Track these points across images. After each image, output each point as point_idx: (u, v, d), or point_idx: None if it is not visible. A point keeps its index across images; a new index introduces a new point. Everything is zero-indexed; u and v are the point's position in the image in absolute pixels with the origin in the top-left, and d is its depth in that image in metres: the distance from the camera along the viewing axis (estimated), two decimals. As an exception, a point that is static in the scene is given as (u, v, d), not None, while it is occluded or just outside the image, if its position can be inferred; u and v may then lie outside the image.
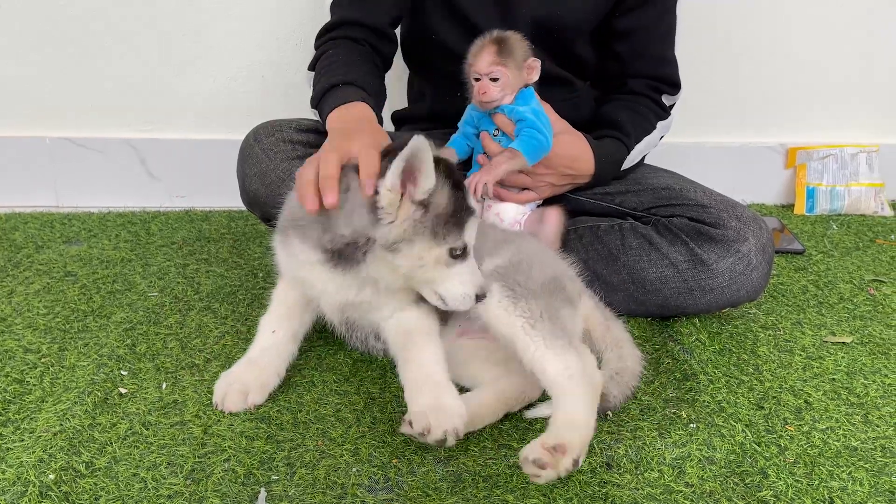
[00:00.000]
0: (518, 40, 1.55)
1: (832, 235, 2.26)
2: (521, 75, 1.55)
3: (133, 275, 1.84)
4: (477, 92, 1.54)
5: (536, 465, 1.07)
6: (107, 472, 1.15)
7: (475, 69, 1.54)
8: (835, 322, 1.71)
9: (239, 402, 1.30)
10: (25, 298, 1.69)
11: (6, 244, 2.00)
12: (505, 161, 1.52)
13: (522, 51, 1.54)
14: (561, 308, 1.31)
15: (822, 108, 2.48)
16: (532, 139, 1.53)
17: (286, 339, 1.39)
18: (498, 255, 1.39)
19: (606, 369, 1.37)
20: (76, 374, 1.40)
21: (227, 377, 1.33)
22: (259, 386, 1.32)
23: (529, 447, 1.09)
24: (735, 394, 1.41)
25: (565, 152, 1.61)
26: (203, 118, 2.31)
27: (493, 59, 1.52)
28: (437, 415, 1.14)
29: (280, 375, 1.36)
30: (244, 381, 1.32)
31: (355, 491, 1.13)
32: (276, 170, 1.58)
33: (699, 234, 1.59)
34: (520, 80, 1.55)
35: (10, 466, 1.15)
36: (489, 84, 1.53)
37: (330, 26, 1.71)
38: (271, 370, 1.35)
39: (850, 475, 1.21)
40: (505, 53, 1.52)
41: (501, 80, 1.53)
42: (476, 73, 1.54)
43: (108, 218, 2.22)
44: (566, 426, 1.13)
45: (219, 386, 1.32)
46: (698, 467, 1.21)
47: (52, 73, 2.22)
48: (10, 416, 1.28)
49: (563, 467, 1.08)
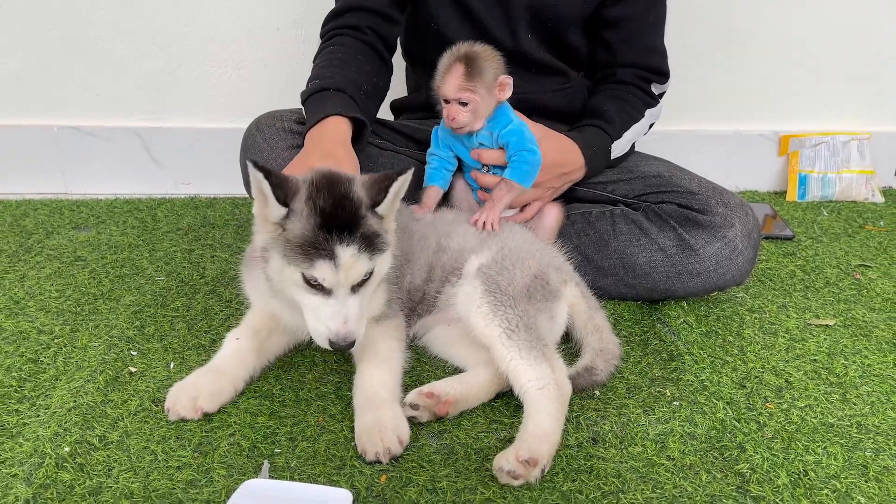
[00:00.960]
0: (488, 56, 1.49)
1: (822, 222, 2.31)
2: (492, 96, 1.50)
3: (140, 259, 1.90)
4: (446, 117, 1.50)
5: (510, 476, 1.15)
6: (119, 445, 1.22)
7: (443, 92, 1.48)
8: (820, 305, 1.77)
9: (189, 409, 1.27)
10: (37, 282, 1.76)
11: (17, 230, 2.06)
12: (504, 194, 1.54)
13: (493, 69, 1.49)
14: (538, 314, 1.38)
15: (814, 96, 2.52)
16: (523, 164, 1.53)
17: (248, 349, 1.37)
18: (483, 253, 1.45)
19: (590, 349, 1.44)
20: (88, 354, 1.46)
21: (181, 384, 1.31)
22: (211, 394, 1.29)
23: (504, 459, 1.16)
24: (719, 373, 1.47)
25: (553, 156, 1.64)
26: (206, 108, 2.36)
27: (460, 84, 1.46)
28: (372, 436, 1.20)
29: (236, 387, 1.34)
30: (197, 386, 1.30)
31: (353, 463, 1.19)
32: (277, 158, 1.63)
33: (687, 220, 1.64)
34: (491, 101, 1.51)
35: (27, 440, 1.22)
36: (458, 109, 1.48)
37: (336, 12, 1.74)
38: (226, 380, 1.32)
39: (825, 450, 1.27)
40: (474, 75, 1.46)
41: (471, 105, 1.48)
42: (444, 97, 1.49)
43: (116, 205, 2.28)
44: (536, 439, 1.19)
45: (171, 392, 1.30)
46: (680, 442, 1.27)
47: (58, 64, 2.27)
48: (26, 393, 1.35)
49: (533, 477, 1.15)
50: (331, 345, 1.22)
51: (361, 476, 1.17)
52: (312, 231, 1.18)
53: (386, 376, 1.31)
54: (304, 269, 1.19)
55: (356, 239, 1.19)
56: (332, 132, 1.49)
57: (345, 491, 1.11)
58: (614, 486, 1.16)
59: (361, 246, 1.19)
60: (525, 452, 1.15)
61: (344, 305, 1.22)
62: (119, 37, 2.26)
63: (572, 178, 1.73)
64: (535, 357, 1.29)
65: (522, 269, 1.42)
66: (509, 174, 1.54)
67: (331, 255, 1.18)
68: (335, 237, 1.18)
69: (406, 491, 1.14)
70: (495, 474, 1.16)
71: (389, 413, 1.24)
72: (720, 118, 2.54)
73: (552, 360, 1.32)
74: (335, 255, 1.18)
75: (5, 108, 2.30)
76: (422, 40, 1.85)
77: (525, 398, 1.27)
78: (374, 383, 1.30)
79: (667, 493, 1.15)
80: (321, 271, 1.19)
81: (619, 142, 1.77)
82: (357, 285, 1.23)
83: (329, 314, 1.22)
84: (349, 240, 1.19)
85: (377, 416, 1.23)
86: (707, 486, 1.17)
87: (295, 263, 1.20)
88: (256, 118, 1.72)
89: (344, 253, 1.18)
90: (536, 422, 1.22)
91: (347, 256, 1.18)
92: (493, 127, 1.54)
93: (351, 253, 1.18)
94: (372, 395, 1.28)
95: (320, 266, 1.18)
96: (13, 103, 2.30)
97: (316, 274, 1.19)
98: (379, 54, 1.73)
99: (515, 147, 1.54)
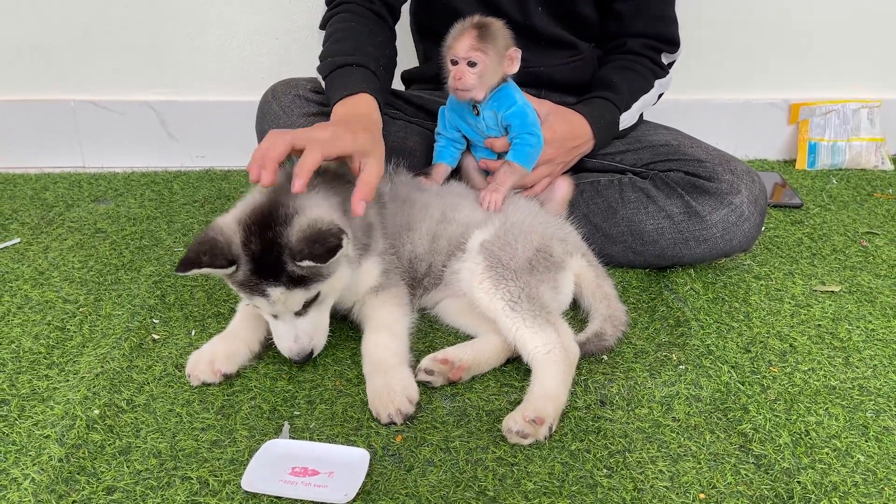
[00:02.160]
0: (501, 28, 1.50)
1: (831, 190, 2.33)
2: (500, 64, 1.51)
3: (159, 231, 1.95)
4: (453, 77, 1.49)
5: (519, 436, 1.20)
6: (146, 407, 1.27)
7: (453, 52, 1.49)
8: (826, 272, 1.79)
9: (208, 372, 1.33)
10: (60, 254, 1.81)
11: (38, 203, 2.11)
12: (507, 177, 1.55)
13: (504, 39, 1.50)
14: (540, 284, 1.41)
15: (824, 63, 2.51)
16: (525, 147, 1.55)
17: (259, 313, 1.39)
18: (486, 228, 1.48)
19: (599, 315, 1.48)
20: (112, 322, 1.52)
21: (198, 351, 1.37)
22: (227, 356, 1.35)
23: (512, 420, 1.21)
24: (724, 339, 1.50)
25: (562, 131, 1.66)
26: (219, 80, 2.39)
27: (472, 44, 1.47)
28: (383, 399, 1.25)
29: (252, 349, 1.39)
30: (214, 352, 1.35)
31: (370, 424, 1.25)
32: (293, 125, 1.65)
33: (694, 188, 1.67)
34: (499, 70, 1.51)
35: (57, 403, 1.27)
36: (466, 70, 1.48)
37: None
38: (240, 342, 1.38)
39: (827, 411, 1.30)
40: (486, 39, 1.47)
41: (479, 67, 1.48)
42: (453, 56, 1.49)
43: (133, 178, 2.32)
44: (542, 399, 1.24)
45: (190, 359, 1.36)
46: (685, 404, 1.31)
47: (73, 38, 2.30)
48: (55, 359, 1.40)
49: (541, 435, 1.21)
50: (290, 359, 1.33)
51: (377, 436, 1.22)
52: (244, 274, 1.25)
53: (389, 341, 1.35)
54: (246, 300, 1.30)
55: (283, 281, 1.24)
56: (365, 108, 1.47)
57: (362, 450, 1.16)
58: (621, 445, 1.21)
59: (290, 285, 1.24)
60: (531, 412, 1.20)
61: (292, 326, 1.31)
62: (131, 11, 2.28)
63: (581, 150, 1.74)
64: (539, 324, 1.34)
65: (524, 243, 1.45)
66: (512, 156, 1.56)
67: (263, 293, 1.25)
68: (263, 280, 1.24)
69: (420, 450, 1.19)
70: (505, 435, 1.21)
71: (397, 376, 1.29)
72: (729, 87, 2.54)
73: (557, 325, 1.36)
74: (266, 294, 1.25)
75: (23, 83, 2.34)
76: (430, 12, 1.86)
77: (532, 363, 1.32)
78: (380, 349, 1.34)
79: (671, 451, 1.20)
80: (259, 305, 1.29)
81: (628, 112, 1.78)
82: (306, 306, 1.30)
83: (280, 335, 1.32)
84: (275, 282, 1.24)
85: (386, 381, 1.27)
86: (711, 445, 1.21)
87: (240, 294, 1.30)
88: (272, 86, 1.74)
89: (274, 291, 1.25)
90: (542, 383, 1.27)
91: (277, 294, 1.25)
92: (498, 107, 1.54)
93: (280, 291, 1.25)
94: (378, 360, 1.32)
95: (257, 301, 1.28)
96: (31, 78, 2.33)
97: (254, 304, 1.30)
98: (386, 23, 1.73)
99: (518, 129, 1.55)
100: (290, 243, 1.22)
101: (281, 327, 1.31)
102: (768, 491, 1.13)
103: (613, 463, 1.17)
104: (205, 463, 1.15)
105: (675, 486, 1.13)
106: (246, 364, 1.38)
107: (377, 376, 1.29)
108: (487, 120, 1.56)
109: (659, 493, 1.12)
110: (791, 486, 1.13)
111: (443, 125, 1.65)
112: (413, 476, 1.14)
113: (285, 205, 1.26)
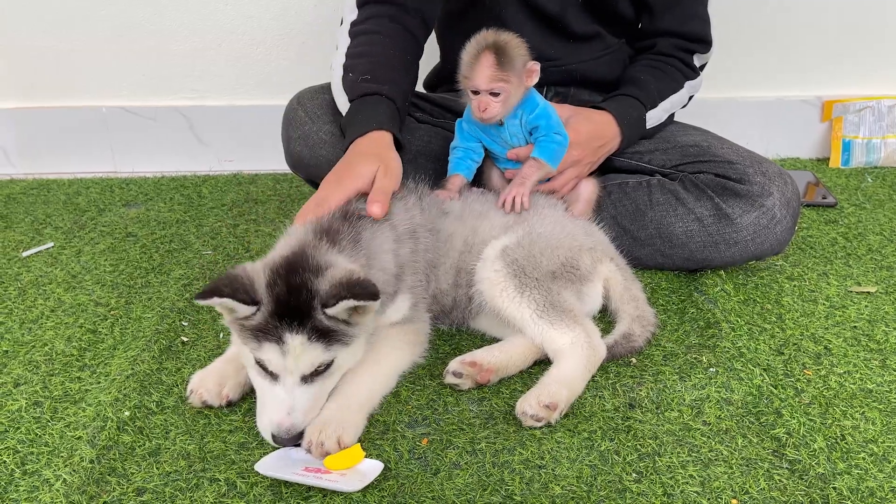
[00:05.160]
0: (516, 45, 1.44)
1: (866, 188, 2.28)
2: (522, 84, 1.47)
3: (188, 235, 1.97)
4: (476, 108, 1.45)
5: (533, 419, 1.21)
6: (175, 409, 1.28)
7: (473, 83, 1.43)
8: (861, 273, 1.75)
9: (213, 394, 1.28)
10: (92, 257, 1.84)
11: (71, 208, 2.15)
12: (533, 172, 1.51)
13: (522, 56, 1.44)
14: (563, 290, 1.40)
15: (858, 59, 2.46)
16: (550, 144, 1.52)
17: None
18: (508, 235, 1.45)
19: (627, 316, 1.46)
20: (143, 325, 1.54)
21: (205, 371, 1.32)
22: (236, 384, 1.29)
23: (527, 403, 1.22)
24: (756, 340, 1.48)
25: (587, 131, 1.63)
26: (246, 85, 2.41)
27: (493, 74, 1.41)
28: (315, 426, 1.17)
29: None
30: (223, 375, 1.30)
31: (396, 427, 1.24)
32: (318, 132, 1.66)
33: (724, 190, 1.64)
34: (521, 89, 1.48)
35: (89, 405, 1.29)
36: (490, 100, 1.43)
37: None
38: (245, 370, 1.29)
39: (864, 415, 1.27)
40: (505, 64, 1.40)
41: (503, 95, 1.44)
42: (474, 88, 1.43)
43: (163, 182, 2.35)
44: (558, 383, 1.25)
45: (194, 378, 1.30)
46: (716, 408, 1.29)
47: (105, 46, 2.34)
48: (87, 361, 1.42)
49: (553, 419, 1.23)
50: (273, 439, 1.16)
51: (403, 440, 1.21)
52: (263, 316, 1.16)
53: (368, 378, 1.27)
54: (253, 350, 1.17)
55: (307, 329, 1.15)
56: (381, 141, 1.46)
57: (376, 462, 1.14)
58: (651, 448, 1.19)
59: (313, 336, 1.15)
60: (546, 397, 1.22)
61: (290, 395, 1.17)
62: (163, 18, 2.31)
63: (608, 149, 1.72)
64: (566, 325, 1.34)
65: (550, 258, 1.42)
66: (538, 152, 1.52)
67: (278, 340, 1.15)
68: (284, 323, 1.14)
69: (447, 453, 1.18)
70: (519, 417, 1.23)
71: (348, 416, 1.20)
72: (760, 84, 2.50)
73: (585, 324, 1.36)
74: (283, 341, 1.15)
75: (56, 90, 2.38)
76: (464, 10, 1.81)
77: (556, 354, 1.33)
78: (352, 385, 1.25)
79: (702, 456, 1.18)
80: (268, 353, 1.16)
81: (655, 111, 1.75)
82: (312, 374, 1.18)
83: (273, 403, 1.17)
84: (299, 328, 1.14)
85: (334, 414, 1.19)
86: (743, 449, 1.19)
87: (247, 344, 1.18)
88: (298, 93, 1.75)
89: (293, 340, 1.14)
90: (560, 368, 1.29)
91: (296, 344, 1.14)
92: (521, 112, 1.52)
93: (300, 341, 1.14)
94: (344, 391, 1.24)
95: (267, 348, 1.15)
96: (63, 85, 2.38)
97: (262, 356, 1.16)
98: (416, 40, 1.67)
99: (545, 129, 1.52)
100: (323, 289, 1.16)
101: (277, 394, 1.17)
102: (803, 497, 1.10)
103: (643, 467, 1.16)
104: (232, 465, 1.16)
105: (705, 492, 1.11)
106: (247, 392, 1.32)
107: (330, 404, 1.22)
108: (511, 129, 1.54)
109: (689, 498, 1.10)
110: (826, 492, 1.10)
111: (461, 137, 1.61)
112: (439, 479, 1.13)
113: (314, 256, 1.21)
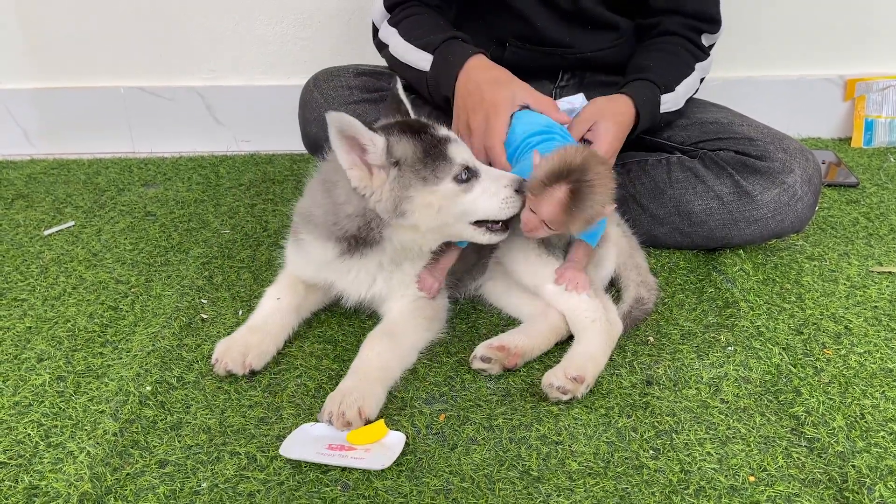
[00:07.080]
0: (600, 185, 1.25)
1: (889, 168, 2.24)
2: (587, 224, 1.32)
3: (206, 214, 1.98)
4: (525, 224, 1.31)
5: (560, 392, 1.22)
6: (195, 385, 1.30)
7: (535, 208, 1.28)
8: (883, 253, 1.73)
9: (237, 363, 1.29)
10: (112, 236, 1.85)
11: (91, 188, 2.17)
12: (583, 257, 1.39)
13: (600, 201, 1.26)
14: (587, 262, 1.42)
15: (882, 37, 2.41)
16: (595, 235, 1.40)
17: (289, 308, 1.39)
18: None
19: (632, 283, 1.49)
20: (163, 302, 1.55)
21: (230, 339, 1.33)
22: (259, 353, 1.31)
23: (554, 375, 1.23)
24: (775, 320, 1.47)
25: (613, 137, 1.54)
26: (264, 65, 2.41)
27: (557, 218, 1.26)
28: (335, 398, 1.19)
29: (278, 346, 1.36)
30: (247, 344, 1.32)
31: (414, 403, 1.25)
32: (334, 113, 1.66)
33: (745, 167, 1.62)
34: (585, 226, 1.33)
35: (111, 380, 1.31)
36: (542, 226, 1.29)
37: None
38: (271, 340, 1.34)
39: (884, 394, 1.26)
40: (577, 206, 1.24)
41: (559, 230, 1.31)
42: (533, 208, 1.28)
43: (181, 162, 2.37)
44: (584, 359, 1.27)
45: (219, 346, 1.32)
46: (734, 386, 1.28)
47: (122, 26, 2.34)
48: (109, 337, 1.44)
49: (580, 392, 1.24)
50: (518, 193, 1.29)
51: (421, 416, 1.22)
52: (418, 137, 1.25)
53: (388, 351, 1.28)
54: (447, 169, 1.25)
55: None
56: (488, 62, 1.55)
57: (399, 433, 1.16)
58: (668, 425, 1.19)
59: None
60: (573, 370, 1.23)
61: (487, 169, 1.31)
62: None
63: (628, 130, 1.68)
64: (586, 296, 1.36)
65: None
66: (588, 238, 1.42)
67: (449, 139, 1.27)
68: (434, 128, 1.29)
69: (464, 428, 1.19)
70: (545, 390, 1.23)
71: (367, 387, 1.21)
72: (782, 63, 2.45)
73: (603, 299, 1.38)
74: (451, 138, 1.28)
75: (75, 71, 2.39)
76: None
77: (577, 327, 1.34)
78: (373, 355, 1.27)
79: (720, 434, 1.18)
80: (459, 153, 1.27)
81: (671, 95, 1.67)
82: None
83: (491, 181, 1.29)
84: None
85: (354, 385, 1.21)
86: (761, 427, 1.19)
87: (440, 171, 1.25)
88: (314, 74, 1.75)
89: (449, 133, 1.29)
90: (585, 345, 1.30)
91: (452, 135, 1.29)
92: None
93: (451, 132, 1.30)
94: (363, 364, 1.26)
95: (454, 149, 1.27)
96: (82, 66, 2.39)
97: (459, 159, 1.26)
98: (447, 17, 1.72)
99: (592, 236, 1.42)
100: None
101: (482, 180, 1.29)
102: (821, 475, 1.10)
103: (660, 444, 1.16)
104: (252, 439, 1.17)
105: (723, 468, 1.11)
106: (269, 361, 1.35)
107: (350, 377, 1.24)
108: None
109: (707, 475, 1.10)
110: (845, 470, 1.10)
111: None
112: (457, 454, 1.14)
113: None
